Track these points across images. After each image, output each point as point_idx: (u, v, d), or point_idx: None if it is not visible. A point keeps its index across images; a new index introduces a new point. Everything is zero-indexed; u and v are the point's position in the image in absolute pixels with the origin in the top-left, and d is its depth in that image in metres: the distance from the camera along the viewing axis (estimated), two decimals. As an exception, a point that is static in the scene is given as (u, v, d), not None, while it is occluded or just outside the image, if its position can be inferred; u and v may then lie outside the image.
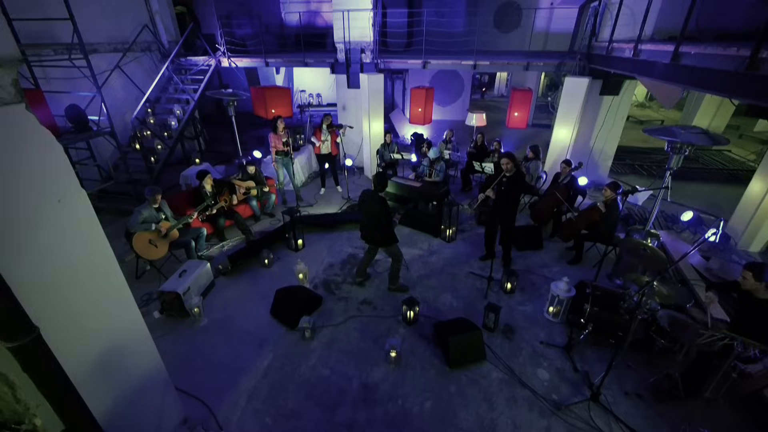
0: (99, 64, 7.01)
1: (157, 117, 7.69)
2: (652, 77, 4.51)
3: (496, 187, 4.43)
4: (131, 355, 2.48)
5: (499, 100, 18.07)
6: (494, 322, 3.92)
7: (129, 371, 2.48)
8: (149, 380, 2.64)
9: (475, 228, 6.14)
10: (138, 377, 2.55)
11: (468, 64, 7.30)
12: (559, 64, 6.99)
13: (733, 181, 7.98)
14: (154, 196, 4.55)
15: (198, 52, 8.55)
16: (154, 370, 2.69)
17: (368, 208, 4.11)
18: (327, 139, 6.75)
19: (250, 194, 6.05)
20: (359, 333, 3.98)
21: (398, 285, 4.62)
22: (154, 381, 2.70)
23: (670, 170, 4.01)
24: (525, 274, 4.95)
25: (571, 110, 6.65)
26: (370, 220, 4.16)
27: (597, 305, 3.62)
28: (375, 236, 4.23)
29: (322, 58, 7.90)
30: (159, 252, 4.58)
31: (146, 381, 2.62)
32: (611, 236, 4.83)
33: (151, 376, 2.66)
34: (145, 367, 2.61)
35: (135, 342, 2.52)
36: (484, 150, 7.28)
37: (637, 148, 9.94)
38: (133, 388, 2.51)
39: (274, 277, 4.90)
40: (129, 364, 2.48)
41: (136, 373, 2.54)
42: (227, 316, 4.24)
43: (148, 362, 2.64)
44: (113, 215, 6.31)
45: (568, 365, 3.56)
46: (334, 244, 5.68)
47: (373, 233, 4.23)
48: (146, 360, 2.63)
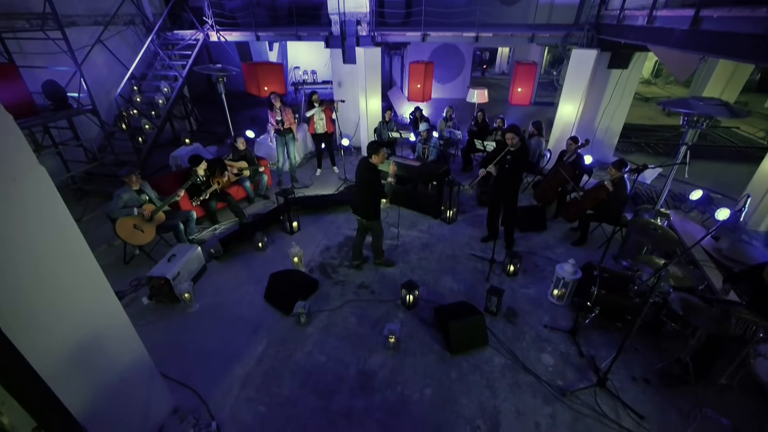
0: (79, 38, 6.64)
1: (143, 95, 7.34)
2: (669, 46, 4.21)
3: (499, 163, 4.19)
4: (110, 344, 2.32)
5: (500, 78, 17.56)
6: (497, 306, 3.77)
7: (109, 362, 2.33)
8: (133, 370, 2.50)
9: (476, 209, 5.94)
10: (120, 368, 2.40)
11: (469, 36, 6.92)
12: (565, 35, 6.62)
13: (742, 159, 7.75)
14: (130, 176, 4.29)
15: (185, 26, 8.11)
16: (138, 359, 2.54)
17: (360, 175, 3.98)
18: (322, 118, 6.45)
19: (243, 175, 5.81)
20: (356, 318, 3.84)
21: (383, 259, 4.53)
22: (139, 371, 2.55)
23: (686, 145, 3.77)
24: (528, 255, 4.78)
25: (577, 85, 6.33)
26: (361, 189, 4.04)
27: (605, 288, 3.46)
28: (363, 207, 4.09)
29: (316, 32, 7.49)
30: (146, 237, 4.39)
31: (129, 371, 2.47)
32: (618, 216, 4.64)
33: (134, 365, 2.51)
34: (127, 356, 2.45)
35: (114, 330, 2.35)
36: (486, 127, 7.00)
37: (642, 125, 9.66)
38: (114, 379, 2.36)
39: (269, 260, 4.73)
40: (109, 355, 2.32)
41: (118, 364, 2.38)
42: (219, 302, 4.08)
43: (131, 351, 2.49)
44: (101, 198, 6.07)
45: (574, 350, 3.44)
46: (331, 226, 5.48)
47: (362, 203, 4.08)
48: (128, 349, 2.47)
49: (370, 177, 3.87)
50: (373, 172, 3.86)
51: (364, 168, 3.89)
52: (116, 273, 4.52)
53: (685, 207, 5.62)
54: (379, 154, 3.80)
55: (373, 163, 3.85)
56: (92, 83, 6.85)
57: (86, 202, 6.06)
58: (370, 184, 3.90)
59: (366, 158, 3.89)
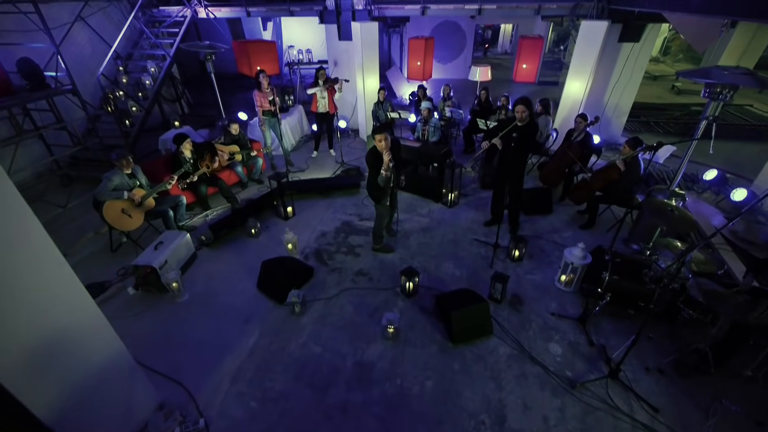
0: (59, 14, 6.30)
1: (130, 76, 7.00)
2: (689, 11, 3.88)
3: (504, 138, 3.88)
4: (82, 342, 2.12)
5: (502, 58, 17.01)
6: (501, 293, 3.58)
7: (81, 361, 2.14)
8: (110, 368, 2.31)
9: (478, 191, 5.70)
10: (94, 367, 2.21)
11: (472, 8, 6.52)
12: (574, 6, 6.22)
13: (756, 138, 7.44)
14: (121, 160, 4.06)
15: (171, 2, 7.68)
16: (115, 356, 2.35)
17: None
18: (324, 97, 6.14)
19: (235, 159, 5.54)
20: (354, 307, 3.65)
21: (381, 245, 4.37)
22: (117, 368, 2.37)
23: (707, 120, 3.49)
24: (534, 240, 4.56)
25: (586, 60, 5.98)
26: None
27: (617, 273, 3.25)
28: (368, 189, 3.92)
29: (310, 6, 7.09)
30: (134, 222, 4.17)
31: (106, 369, 2.28)
32: (630, 198, 4.39)
33: (111, 363, 2.32)
34: (102, 354, 2.26)
35: (85, 327, 2.15)
36: (489, 107, 6.68)
37: (651, 104, 9.29)
38: (89, 379, 2.17)
39: (262, 247, 4.52)
40: (80, 354, 2.13)
41: (91, 363, 2.19)
42: (210, 291, 3.89)
43: (106, 348, 2.30)
44: (88, 184, 5.83)
45: (583, 338, 3.25)
46: (327, 211, 5.25)
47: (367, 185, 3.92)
48: (103, 346, 2.28)
49: (367, 161, 3.67)
50: (371, 156, 3.62)
51: (368, 151, 3.69)
52: (103, 261, 4.33)
53: (698, 188, 5.37)
54: (375, 138, 3.51)
55: (376, 148, 3.57)
56: (75, 63, 6.55)
57: (72, 188, 5.83)
58: (369, 168, 3.70)
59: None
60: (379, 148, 3.52)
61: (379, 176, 3.62)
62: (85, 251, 4.51)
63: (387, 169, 3.52)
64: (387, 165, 3.49)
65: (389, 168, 3.52)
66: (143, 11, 7.46)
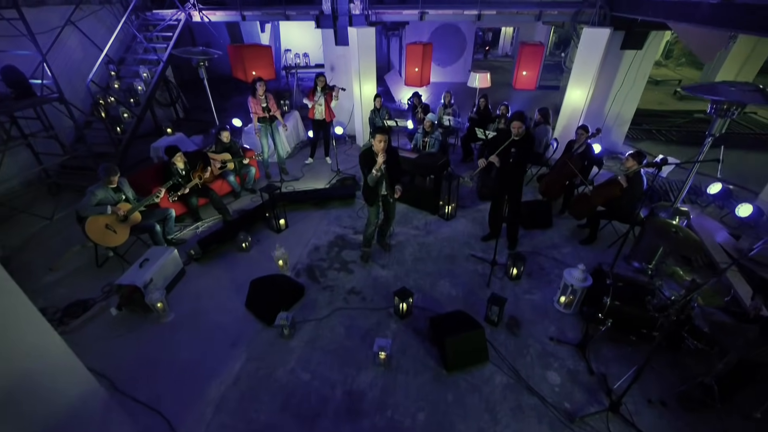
0: (48, 18, 6.15)
1: (122, 81, 6.87)
2: (694, 22, 3.74)
3: (502, 154, 3.77)
4: (49, 385, 1.98)
5: (503, 60, 16.84)
6: (498, 316, 3.44)
7: (49, 404, 2.00)
8: (81, 407, 2.17)
9: (476, 203, 5.56)
10: (64, 407, 2.07)
11: (471, 15, 6.38)
12: (575, 12, 6.09)
13: (761, 147, 7.29)
14: (110, 176, 3.92)
15: (165, 5, 7.54)
16: (87, 393, 2.21)
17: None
18: (321, 104, 6.01)
19: (227, 168, 5.41)
20: (345, 329, 3.52)
21: (366, 251, 4.37)
22: (89, 406, 2.23)
23: (712, 137, 3.36)
24: (532, 256, 4.43)
25: (587, 68, 5.84)
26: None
27: (619, 298, 3.12)
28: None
29: (306, 10, 6.95)
30: (118, 238, 4.03)
31: (77, 408, 2.14)
32: (632, 214, 4.26)
33: (83, 401, 2.18)
34: (72, 393, 2.12)
35: (52, 368, 2.01)
36: (488, 115, 6.54)
37: (652, 111, 9.14)
38: (59, 419, 2.04)
39: (252, 262, 4.39)
40: (48, 396, 1.98)
41: (61, 404, 2.05)
42: (197, 310, 3.76)
43: (77, 387, 2.15)
44: (77, 193, 5.69)
45: (583, 366, 3.12)
46: (321, 223, 5.12)
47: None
48: (73, 386, 2.13)
49: (360, 161, 3.71)
50: (365, 156, 3.65)
51: (363, 150, 3.73)
52: (88, 276, 4.21)
53: (702, 201, 5.23)
54: (376, 138, 3.50)
55: (372, 149, 3.58)
56: (65, 67, 6.42)
57: (60, 198, 5.70)
58: (361, 168, 3.76)
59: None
60: (376, 149, 3.52)
61: (369, 177, 3.65)
62: (70, 266, 4.38)
63: (378, 169, 3.55)
64: (379, 166, 3.52)
65: (380, 169, 3.55)
66: (136, 14, 7.33)
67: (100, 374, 3.06)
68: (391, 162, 3.66)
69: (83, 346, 3.33)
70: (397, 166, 3.80)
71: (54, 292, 3.96)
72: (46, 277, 4.19)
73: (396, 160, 3.76)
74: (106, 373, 3.08)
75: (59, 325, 3.56)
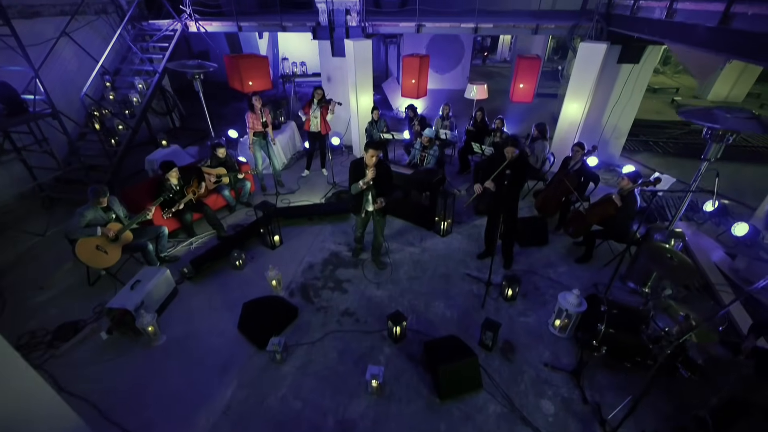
0: (44, 30, 6.12)
1: (117, 92, 6.83)
2: (691, 45, 3.73)
3: (497, 178, 3.77)
4: (31, 427, 1.95)
5: (501, 66, 16.85)
6: (492, 341, 3.42)
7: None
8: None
9: (472, 218, 5.53)
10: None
11: (468, 28, 6.37)
12: (572, 26, 6.07)
13: (757, 160, 7.29)
14: (98, 197, 3.88)
15: (162, 15, 7.51)
16: (65, 427, 2.18)
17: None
18: (317, 116, 5.99)
19: (222, 182, 5.37)
20: (338, 353, 3.49)
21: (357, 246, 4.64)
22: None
23: (708, 161, 3.34)
24: (528, 275, 4.41)
25: (584, 81, 5.83)
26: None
27: (613, 326, 3.10)
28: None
29: (302, 21, 6.92)
30: (110, 259, 3.99)
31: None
32: (627, 233, 4.25)
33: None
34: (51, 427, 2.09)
35: (35, 410, 1.98)
36: (485, 128, 6.52)
37: (649, 121, 9.11)
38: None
39: (246, 281, 4.36)
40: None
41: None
42: (189, 332, 3.72)
43: (55, 425, 2.12)
44: (71, 206, 5.61)
45: (577, 394, 3.09)
46: (316, 239, 5.09)
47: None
48: (50, 422, 2.10)
49: (350, 170, 3.79)
50: (355, 167, 3.73)
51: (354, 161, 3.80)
52: (80, 295, 4.17)
53: (698, 218, 5.21)
54: (368, 152, 3.57)
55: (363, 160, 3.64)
56: (60, 79, 6.37)
57: (54, 211, 5.65)
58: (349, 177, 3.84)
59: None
60: (367, 163, 3.60)
61: (354, 185, 3.73)
62: (62, 283, 4.34)
63: (365, 184, 3.64)
64: (368, 180, 3.60)
65: (367, 184, 3.64)
66: (132, 24, 7.29)
67: (88, 402, 3.03)
68: (381, 177, 3.69)
69: (73, 371, 3.32)
70: (387, 181, 3.83)
71: (45, 313, 3.92)
72: (38, 297, 4.15)
73: (386, 175, 3.80)
74: (94, 400, 3.05)
75: (49, 348, 3.52)
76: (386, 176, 3.80)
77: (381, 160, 3.74)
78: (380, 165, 3.70)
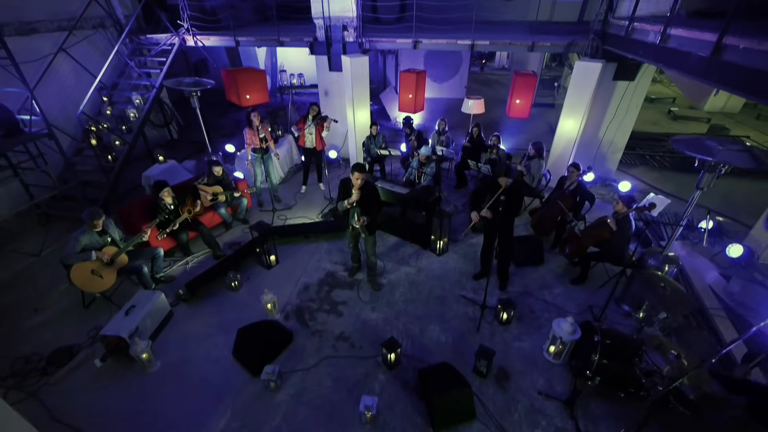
0: (41, 46, 6.14)
1: (114, 106, 6.84)
2: (683, 71, 3.75)
3: (493, 206, 3.80)
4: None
5: (499, 74, 16.92)
6: (486, 369, 3.42)
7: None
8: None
9: (469, 236, 5.52)
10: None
11: (465, 44, 6.40)
12: (568, 44, 6.10)
13: (753, 175, 7.31)
14: (93, 221, 3.88)
15: (160, 29, 7.52)
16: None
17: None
18: (312, 133, 6.00)
19: (218, 200, 5.38)
20: (333, 380, 3.49)
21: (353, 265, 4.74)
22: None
23: (701, 190, 3.36)
24: (523, 297, 4.42)
25: (580, 99, 5.86)
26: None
27: (607, 357, 3.11)
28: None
29: (300, 37, 6.94)
30: (105, 283, 3.99)
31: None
32: (623, 256, 4.27)
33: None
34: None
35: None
36: (481, 143, 6.54)
37: (645, 133, 9.10)
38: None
39: (242, 303, 4.35)
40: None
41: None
42: (183, 358, 3.72)
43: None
44: (65, 223, 5.66)
45: (571, 425, 3.09)
46: (312, 258, 5.09)
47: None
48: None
49: (339, 188, 3.94)
50: (343, 186, 3.88)
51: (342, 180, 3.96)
52: (75, 318, 4.17)
53: (694, 237, 5.23)
54: (353, 174, 3.71)
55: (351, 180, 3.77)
56: (58, 95, 6.39)
57: (50, 227, 5.65)
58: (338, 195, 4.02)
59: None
60: (354, 184, 3.72)
61: (340, 203, 3.91)
62: (57, 305, 4.34)
63: (350, 204, 3.82)
64: (353, 201, 3.77)
65: (352, 205, 3.81)
66: (130, 38, 7.31)
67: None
68: (367, 199, 3.84)
69: (66, 399, 3.32)
70: (372, 202, 3.94)
71: (39, 337, 3.92)
72: (32, 319, 4.15)
73: (372, 196, 3.92)
74: (87, 431, 3.04)
75: (42, 375, 3.52)
76: (372, 197, 3.94)
77: (367, 182, 3.87)
78: (366, 186, 3.84)
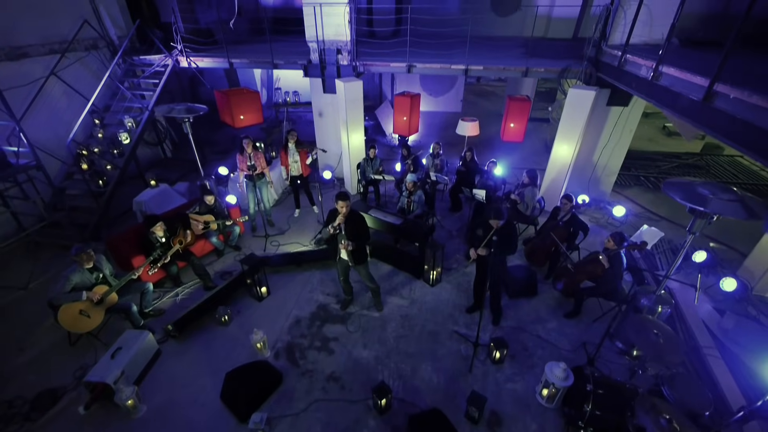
0: (32, 70, 6.09)
1: (107, 129, 6.78)
2: (675, 111, 3.75)
3: (487, 245, 3.77)
4: None
5: (495, 85, 16.97)
6: (478, 415, 3.37)
7: None
8: None
9: (462, 263, 5.49)
10: None
11: (459, 69, 6.39)
12: (562, 70, 6.11)
13: (747, 197, 7.31)
14: (81, 255, 3.82)
15: (153, 50, 7.49)
16: None
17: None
18: (296, 161, 5.97)
19: (210, 228, 5.32)
20: (322, 426, 3.43)
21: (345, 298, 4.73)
22: None
23: (693, 235, 3.34)
24: (516, 333, 4.38)
25: (574, 126, 5.85)
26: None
27: (599, 407, 3.06)
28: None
29: (294, 60, 6.93)
30: (92, 323, 3.92)
31: None
32: (616, 291, 4.25)
33: None
34: None
35: None
36: (475, 167, 6.51)
37: (641, 152, 9.09)
38: None
39: (232, 340, 4.29)
40: None
41: None
42: (170, 401, 3.65)
43: None
44: (56, 250, 5.58)
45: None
46: (304, 289, 5.04)
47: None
48: None
49: (327, 216, 3.98)
50: (331, 214, 3.92)
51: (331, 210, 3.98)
52: (60, 357, 4.09)
53: (686, 266, 5.21)
54: (338, 203, 3.76)
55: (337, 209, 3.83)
56: (48, 119, 6.33)
57: (39, 256, 5.56)
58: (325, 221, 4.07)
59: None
60: (339, 212, 3.79)
61: (324, 230, 3.95)
62: (42, 343, 4.26)
63: (334, 230, 3.86)
64: (336, 227, 3.84)
65: (336, 230, 3.85)
66: (124, 59, 7.27)
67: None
68: (351, 226, 3.89)
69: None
70: (357, 229, 3.95)
71: (23, 379, 3.84)
72: (18, 359, 4.07)
73: (357, 223, 3.95)
74: (69, 487, 2.97)
75: (25, 421, 3.44)
76: (357, 224, 3.96)
77: (353, 210, 3.94)
78: (352, 214, 3.90)
